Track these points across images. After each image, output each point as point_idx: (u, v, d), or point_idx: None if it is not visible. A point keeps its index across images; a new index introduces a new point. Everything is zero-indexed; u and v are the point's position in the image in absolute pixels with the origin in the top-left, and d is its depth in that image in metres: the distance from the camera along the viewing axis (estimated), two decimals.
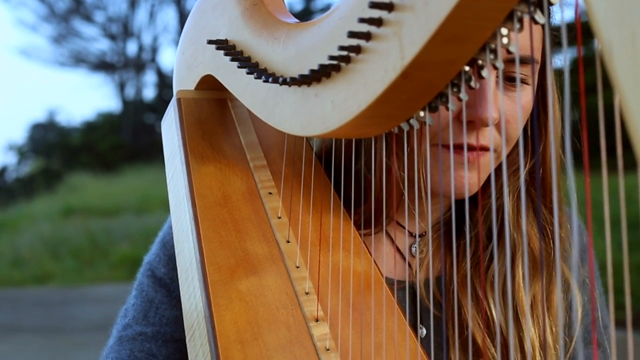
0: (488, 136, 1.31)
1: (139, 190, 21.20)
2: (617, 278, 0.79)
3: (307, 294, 1.26)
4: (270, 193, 1.40)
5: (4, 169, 36.33)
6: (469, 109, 1.27)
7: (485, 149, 1.33)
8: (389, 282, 1.36)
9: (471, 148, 1.31)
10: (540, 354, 1.38)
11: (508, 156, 1.40)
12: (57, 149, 35.24)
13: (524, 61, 1.31)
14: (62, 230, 17.98)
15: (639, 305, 6.77)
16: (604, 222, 0.80)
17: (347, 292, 1.28)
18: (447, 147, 1.31)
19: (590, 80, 0.80)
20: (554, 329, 1.41)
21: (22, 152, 37.83)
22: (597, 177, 0.84)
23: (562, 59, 1.41)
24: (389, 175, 1.35)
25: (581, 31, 0.82)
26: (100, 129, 35.06)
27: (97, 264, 15.88)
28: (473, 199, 1.42)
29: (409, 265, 1.45)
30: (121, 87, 36.38)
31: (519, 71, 1.33)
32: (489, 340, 1.36)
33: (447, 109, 1.01)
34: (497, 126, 1.33)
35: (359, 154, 1.38)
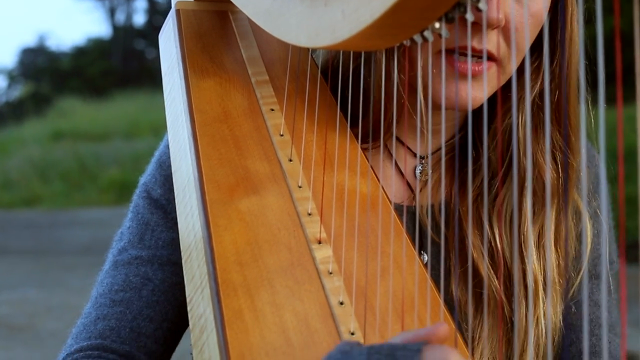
0: (494, 42, 1.24)
1: (128, 115, 21.18)
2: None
3: (309, 215, 1.21)
4: (273, 110, 1.34)
5: None
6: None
7: (491, 57, 1.26)
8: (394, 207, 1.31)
9: (476, 53, 1.24)
10: (543, 289, 1.33)
11: (520, 76, 1.32)
12: (46, 74, 35.18)
13: None
14: (51, 154, 18.02)
15: (630, 237, 6.79)
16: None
17: (352, 214, 1.23)
18: (451, 52, 1.25)
19: None
20: (560, 262, 1.37)
21: (12, 76, 37.74)
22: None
23: None
24: (396, 84, 1.28)
25: None
26: (90, 54, 34.97)
27: (86, 188, 15.94)
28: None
29: (412, 189, 1.40)
30: (111, 12, 36.21)
31: None
32: (492, 271, 1.32)
33: (465, 19, 0.95)
34: (505, 35, 1.26)
35: (368, 64, 1.31)
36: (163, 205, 1.37)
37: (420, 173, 1.40)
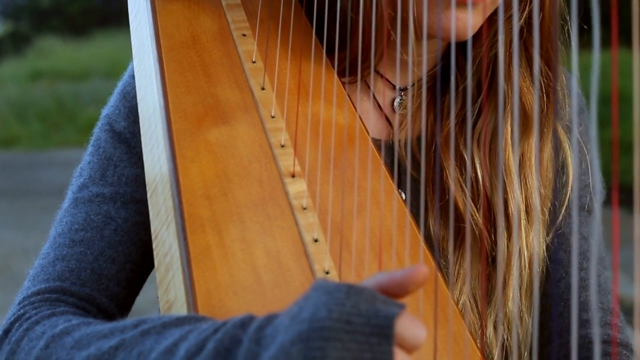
0: None
1: (108, 55, 21.05)
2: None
3: (282, 146, 1.15)
4: (244, 35, 1.27)
5: None
6: None
7: None
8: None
9: None
10: (525, 218, 1.29)
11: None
12: (26, 12, 34.90)
13: None
14: (29, 93, 17.93)
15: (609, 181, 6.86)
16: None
17: (328, 147, 1.17)
18: None
19: None
20: (542, 190, 1.32)
21: None
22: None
23: None
24: (378, 12, 1.21)
25: None
26: None
27: (64, 128, 15.88)
28: (465, 50, 1.31)
29: (390, 122, 1.35)
30: None
31: None
32: (471, 203, 1.27)
33: None
34: None
35: None
36: (127, 139, 1.30)
37: (399, 106, 1.35)
